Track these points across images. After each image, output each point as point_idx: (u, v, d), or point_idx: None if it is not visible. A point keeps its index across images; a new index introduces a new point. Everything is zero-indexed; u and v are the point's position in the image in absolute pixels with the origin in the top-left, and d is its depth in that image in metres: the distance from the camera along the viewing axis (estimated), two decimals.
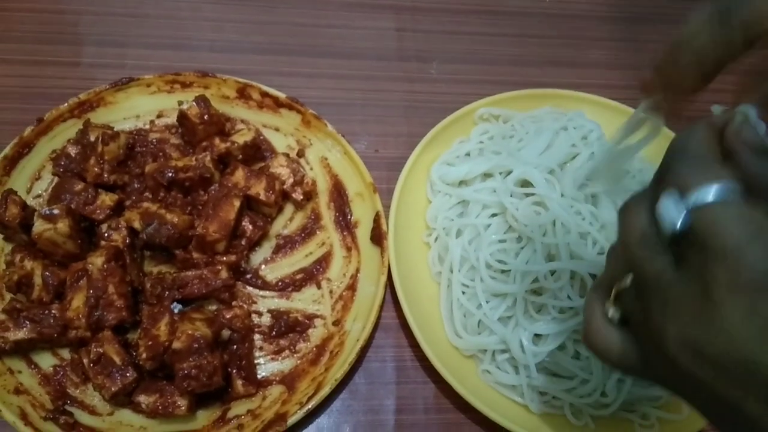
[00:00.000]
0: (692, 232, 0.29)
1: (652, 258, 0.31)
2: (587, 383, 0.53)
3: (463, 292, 0.58)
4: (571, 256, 0.54)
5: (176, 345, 0.49)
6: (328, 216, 0.63)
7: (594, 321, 0.36)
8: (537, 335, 0.54)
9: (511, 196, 0.58)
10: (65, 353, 0.55)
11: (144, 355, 0.51)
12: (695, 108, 0.35)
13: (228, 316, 0.54)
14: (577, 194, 0.57)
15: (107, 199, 0.58)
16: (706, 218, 0.28)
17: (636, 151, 0.44)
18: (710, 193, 0.29)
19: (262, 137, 0.66)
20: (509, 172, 0.60)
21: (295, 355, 0.56)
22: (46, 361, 0.54)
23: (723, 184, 0.29)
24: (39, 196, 0.61)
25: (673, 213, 0.30)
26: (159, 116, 0.66)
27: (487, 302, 0.56)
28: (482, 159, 0.62)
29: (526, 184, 0.60)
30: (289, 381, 0.55)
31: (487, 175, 0.62)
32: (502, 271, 0.56)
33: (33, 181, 0.61)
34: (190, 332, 0.50)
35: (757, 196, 0.30)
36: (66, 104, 0.62)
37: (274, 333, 0.57)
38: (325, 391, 0.52)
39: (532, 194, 0.57)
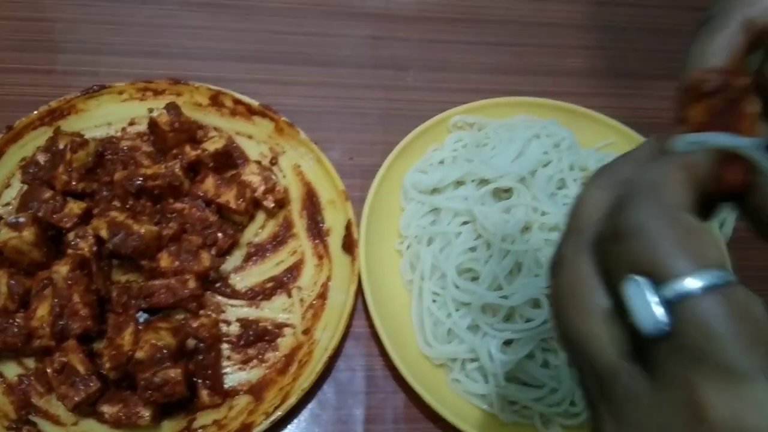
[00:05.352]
0: (674, 334, 0.22)
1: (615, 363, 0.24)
2: (556, 392, 0.53)
3: (434, 301, 0.57)
4: (537, 264, 0.53)
5: (139, 355, 0.49)
6: (300, 224, 0.63)
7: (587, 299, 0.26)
8: (506, 344, 0.54)
9: (482, 204, 0.58)
10: (31, 363, 0.54)
11: (108, 365, 0.50)
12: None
13: (194, 326, 0.53)
14: (547, 201, 0.56)
15: (75, 207, 0.57)
16: (695, 318, 0.22)
17: None
18: (699, 284, 0.22)
19: (234, 145, 0.65)
20: (481, 180, 0.60)
21: (263, 365, 0.56)
22: (11, 370, 0.53)
23: (717, 272, 0.22)
24: (8, 204, 0.60)
25: (649, 314, 0.23)
26: (131, 124, 0.65)
27: (456, 310, 0.56)
28: (455, 166, 0.62)
29: (498, 192, 0.60)
30: (256, 391, 0.54)
31: (459, 183, 0.62)
32: (472, 279, 0.56)
33: (2, 189, 0.61)
34: (153, 342, 0.49)
35: None
36: (36, 112, 0.62)
37: (242, 342, 0.56)
38: (292, 401, 0.51)
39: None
